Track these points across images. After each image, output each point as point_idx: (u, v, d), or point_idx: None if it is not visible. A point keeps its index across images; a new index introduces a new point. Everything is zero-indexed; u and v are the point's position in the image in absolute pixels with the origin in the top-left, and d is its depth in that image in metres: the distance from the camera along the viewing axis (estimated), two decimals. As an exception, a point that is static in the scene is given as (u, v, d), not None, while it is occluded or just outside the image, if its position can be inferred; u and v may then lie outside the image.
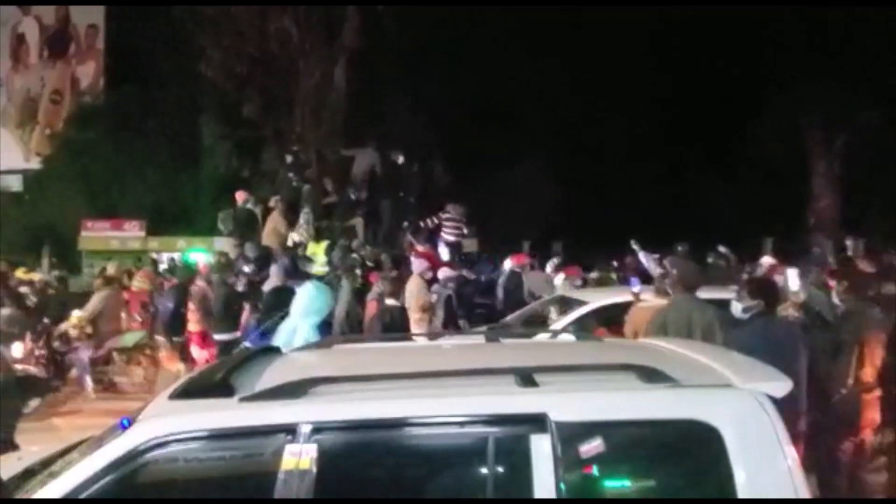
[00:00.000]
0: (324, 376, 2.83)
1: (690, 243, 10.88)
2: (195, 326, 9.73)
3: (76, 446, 3.35)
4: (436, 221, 13.34)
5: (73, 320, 10.27)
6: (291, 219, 13.40)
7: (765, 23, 17.54)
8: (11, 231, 19.26)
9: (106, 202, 20.23)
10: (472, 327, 8.88)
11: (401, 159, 14.29)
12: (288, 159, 15.61)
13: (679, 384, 2.78)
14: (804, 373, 4.64)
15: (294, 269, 10.48)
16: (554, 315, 7.90)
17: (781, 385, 2.84)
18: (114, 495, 2.60)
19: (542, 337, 4.77)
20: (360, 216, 14.38)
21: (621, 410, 2.73)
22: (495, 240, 15.51)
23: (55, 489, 2.64)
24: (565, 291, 9.24)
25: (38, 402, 5.92)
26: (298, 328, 5.37)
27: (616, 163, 18.89)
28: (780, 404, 2.77)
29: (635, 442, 2.72)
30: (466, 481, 2.73)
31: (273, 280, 9.75)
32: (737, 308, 5.04)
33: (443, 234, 12.96)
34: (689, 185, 19.40)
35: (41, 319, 10.42)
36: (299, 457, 2.58)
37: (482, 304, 11.06)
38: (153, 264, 14.98)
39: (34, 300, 10.81)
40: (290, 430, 2.62)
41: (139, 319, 11.34)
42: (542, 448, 2.60)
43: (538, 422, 2.63)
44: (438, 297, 9.26)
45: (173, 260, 16.63)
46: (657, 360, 2.98)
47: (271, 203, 13.64)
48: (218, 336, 9.48)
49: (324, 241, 12.22)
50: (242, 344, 8.34)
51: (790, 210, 18.52)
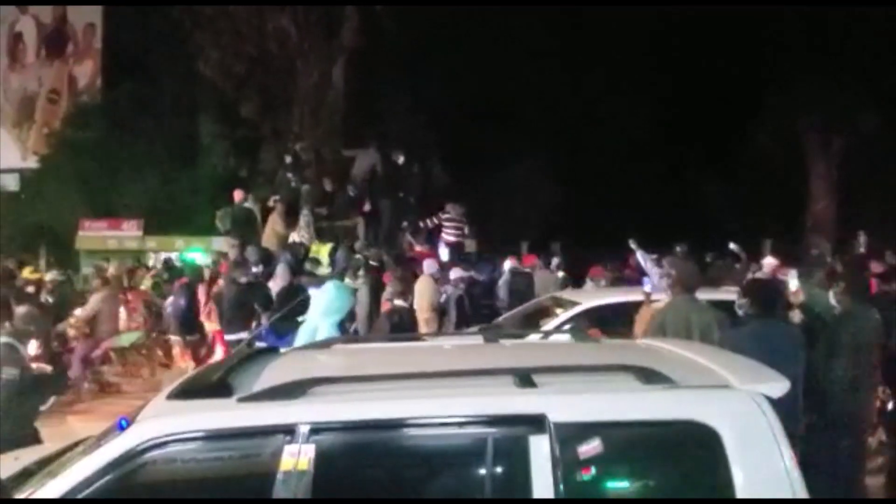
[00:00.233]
0: (322, 377, 2.83)
1: (689, 243, 10.89)
2: (217, 326, 9.71)
3: (74, 446, 3.35)
4: (435, 222, 13.34)
5: (71, 320, 10.28)
6: (290, 219, 13.39)
7: (764, 23, 17.55)
8: (8, 230, 19.19)
9: (103, 201, 20.16)
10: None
11: (401, 159, 14.28)
12: (287, 159, 15.59)
13: (677, 385, 2.78)
14: (800, 374, 4.63)
15: (299, 267, 10.50)
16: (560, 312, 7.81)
17: (779, 385, 2.84)
18: (112, 496, 2.60)
19: (534, 338, 4.74)
20: (360, 216, 14.38)
21: (620, 411, 2.73)
22: (494, 240, 15.49)
23: (53, 489, 2.64)
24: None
25: (54, 400, 5.95)
26: (319, 327, 5.34)
27: (615, 163, 18.86)
28: (778, 405, 2.78)
29: (634, 443, 2.72)
30: (465, 482, 2.73)
31: (280, 279, 9.78)
32: (739, 309, 5.05)
33: (443, 235, 12.97)
34: (688, 186, 19.42)
35: (55, 318, 10.42)
36: (297, 457, 2.58)
37: (484, 305, 11.06)
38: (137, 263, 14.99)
39: (49, 299, 10.82)
40: (289, 431, 2.61)
41: (139, 319, 11.34)
42: (541, 449, 2.60)
43: (537, 422, 2.63)
44: (448, 297, 9.28)
45: (171, 259, 16.61)
46: (655, 361, 2.99)
47: (270, 203, 13.63)
48: (228, 336, 9.44)
49: (328, 244, 12.22)
50: (256, 344, 8.30)
51: (788, 211, 18.55)
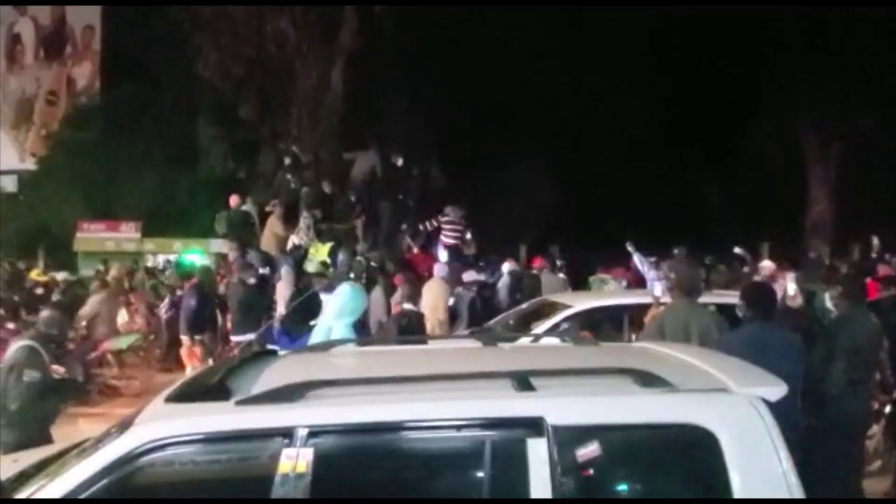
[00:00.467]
0: (320, 379, 2.82)
1: (688, 245, 10.89)
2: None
3: (71, 449, 3.34)
4: (435, 224, 13.33)
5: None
6: (290, 221, 13.38)
7: (764, 25, 17.59)
8: (6, 232, 19.18)
9: (102, 203, 20.16)
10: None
11: (400, 161, 14.28)
12: (286, 161, 15.59)
13: (675, 388, 2.77)
14: (797, 378, 4.61)
15: (298, 269, 10.56)
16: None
17: (777, 389, 2.84)
18: (110, 498, 2.59)
19: (524, 341, 4.73)
20: (360, 219, 14.38)
21: (618, 414, 2.72)
22: (493, 242, 15.49)
23: (50, 492, 2.63)
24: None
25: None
26: (334, 328, 5.31)
27: (613, 165, 18.89)
28: (777, 408, 2.78)
29: (632, 446, 2.72)
30: (463, 485, 2.72)
31: (286, 281, 9.78)
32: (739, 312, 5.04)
33: (442, 238, 12.96)
34: (687, 188, 19.44)
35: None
36: (295, 460, 2.57)
37: (493, 308, 11.05)
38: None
39: (64, 301, 10.80)
40: (287, 434, 2.60)
41: (139, 321, 11.33)
42: (539, 452, 2.60)
43: (535, 425, 2.62)
44: (460, 300, 9.30)
45: (169, 261, 16.62)
46: (654, 364, 2.99)
47: (268, 208, 13.62)
48: (236, 337, 9.41)
49: (328, 244, 12.21)
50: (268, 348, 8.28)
51: (787, 213, 18.57)
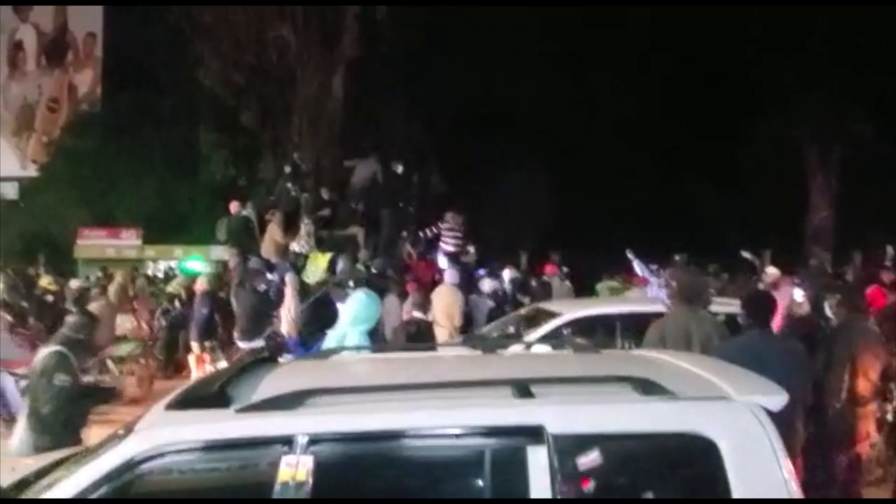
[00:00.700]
0: (321, 387, 2.82)
1: (689, 253, 10.88)
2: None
3: (71, 457, 3.34)
4: (435, 231, 13.33)
5: None
6: (290, 229, 13.38)
7: (764, 34, 17.63)
8: (6, 238, 19.19)
9: (102, 210, 20.18)
10: None
11: (400, 169, 14.30)
12: (286, 169, 15.60)
13: (676, 396, 2.77)
14: (798, 386, 4.60)
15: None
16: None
17: (778, 398, 2.84)
18: (109, 506, 2.59)
19: (516, 348, 4.73)
20: (360, 226, 14.38)
21: (618, 422, 2.72)
22: (493, 249, 15.50)
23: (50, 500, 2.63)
24: (579, 303, 9.24)
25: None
26: (348, 335, 5.30)
27: (614, 172, 18.92)
28: (777, 417, 2.78)
29: (632, 454, 2.71)
30: (463, 493, 2.72)
31: (291, 287, 9.86)
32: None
33: (442, 245, 12.96)
34: (688, 195, 19.44)
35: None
36: (295, 468, 2.56)
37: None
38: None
39: (73, 307, 10.79)
40: (287, 442, 2.60)
41: (145, 327, 11.36)
42: (539, 460, 2.59)
43: (535, 433, 2.62)
44: (476, 308, 9.29)
45: (171, 268, 16.62)
46: (654, 373, 2.98)
47: (268, 216, 13.63)
48: (243, 344, 9.40)
49: (327, 254, 12.20)
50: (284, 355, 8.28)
51: (787, 221, 18.57)
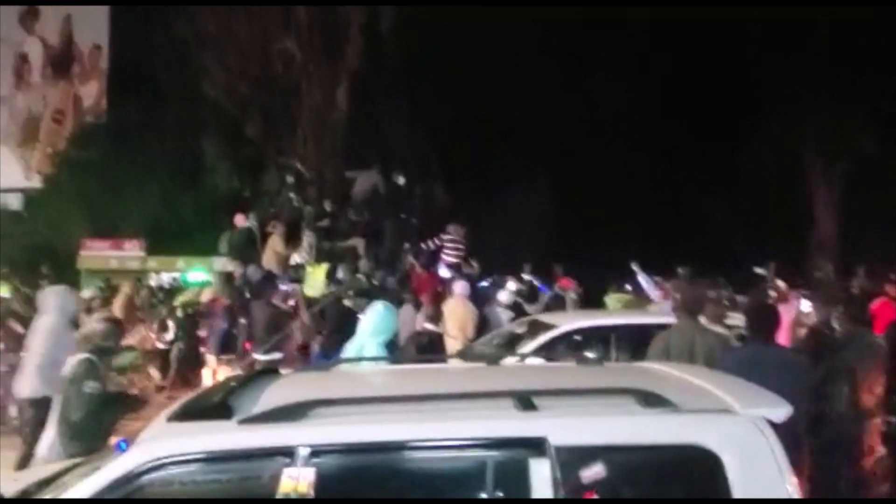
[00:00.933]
0: (323, 399, 2.82)
1: (692, 266, 10.81)
2: None
3: (73, 468, 3.33)
4: (437, 243, 13.34)
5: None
6: (292, 240, 13.39)
7: (767, 48, 17.68)
8: (10, 249, 19.21)
9: (106, 221, 20.19)
10: None
11: (402, 180, 14.32)
12: (289, 179, 15.64)
13: (678, 409, 2.77)
14: (799, 399, 4.57)
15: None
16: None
17: (781, 410, 2.83)
18: (111, 517, 2.58)
19: (511, 361, 4.72)
20: (362, 237, 14.40)
21: (621, 435, 2.72)
22: (495, 261, 15.48)
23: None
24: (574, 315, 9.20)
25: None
26: (366, 346, 5.31)
27: (617, 185, 18.92)
28: (780, 429, 2.77)
29: (635, 467, 2.70)
30: (465, 505, 2.71)
31: (301, 301, 9.95)
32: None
33: (443, 256, 12.97)
34: (691, 208, 19.42)
35: None
36: (297, 480, 2.56)
37: None
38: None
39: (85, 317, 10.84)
40: (289, 453, 2.60)
41: (152, 337, 11.40)
42: (541, 472, 2.59)
43: (537, 446, 2.61)
44: (497, 319, 9.27)
45: (175, 279, 16.62)
46: (657, 385, 2.97)
47: (269, 228, 13.64)
48: (262, 357, 9.31)
49: (323, 265, 12.19)
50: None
51: (791, 234, 18.53)
